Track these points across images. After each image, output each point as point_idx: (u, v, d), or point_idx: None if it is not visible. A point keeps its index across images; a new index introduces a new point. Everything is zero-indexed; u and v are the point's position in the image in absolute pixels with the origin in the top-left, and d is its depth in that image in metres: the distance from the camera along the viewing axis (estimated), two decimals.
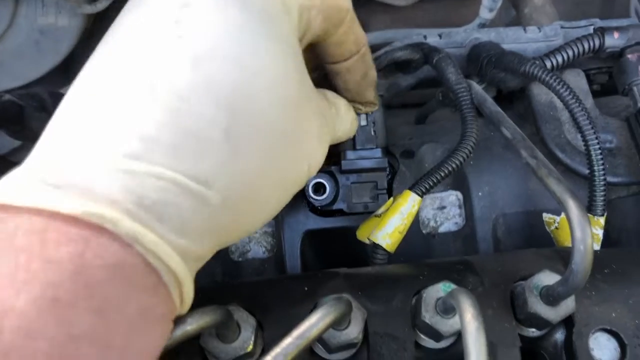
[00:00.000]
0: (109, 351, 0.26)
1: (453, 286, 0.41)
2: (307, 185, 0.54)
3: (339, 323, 0.39)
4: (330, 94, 0.46)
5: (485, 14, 0.83)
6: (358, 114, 0.51)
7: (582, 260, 0.37)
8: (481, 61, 0.56)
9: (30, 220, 0.26)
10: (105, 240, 0.27)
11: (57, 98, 0.56)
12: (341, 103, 0.46)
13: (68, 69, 1.03)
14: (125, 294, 0.27)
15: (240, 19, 0.32)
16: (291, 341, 0.33)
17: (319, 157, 0.41)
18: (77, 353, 0.25)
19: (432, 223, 0.59)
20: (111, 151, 0.28)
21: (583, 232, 0.37)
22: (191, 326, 0.33)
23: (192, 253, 0.31)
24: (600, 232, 0.51)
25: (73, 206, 0.26)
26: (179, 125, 0.29)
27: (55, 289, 0.25)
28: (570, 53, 0.55)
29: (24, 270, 0.24)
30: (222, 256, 0.57)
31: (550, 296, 0.41)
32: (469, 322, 0.35)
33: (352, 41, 0.42)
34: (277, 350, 0.33)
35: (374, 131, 0.52)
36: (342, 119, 0.46)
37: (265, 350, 0.41)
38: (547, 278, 0.42)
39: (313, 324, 0.34)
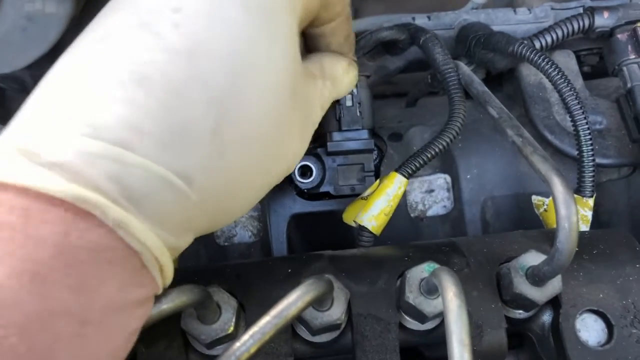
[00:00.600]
0: (86, 327, 0.26)
1: (437, 266, 0.41)
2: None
3: (321, 303, 0.39)
4: (327, 63, 0.44)
5: None
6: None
7: (567, 239, 0.37)
8: (469, 42, 0.55)
9: (17, 197, 0.26)
10: (91, 224, 0.27)
11: (38, 80, 0.55)
12: (339, 68, 0.45)
13: (55, 56, 1.03)
14: (105, 275, 0.27)
15: (241, 16, 0.32)
16: (269, 320, 0.32)
17: (299, 154, 0.41)
18: (54, 327, 0.25)
19: (420, 207, 0.58)
20: (101, 137, 0.28)
21: (568, 209, 0.36)
22: (167, 305, 0.32)
23: (171, 244, 0.31)
24: (589, 214, 0.50)
25: (61, 189, 0.26)
26: (170, 120, 0.29)
27: (35, 264, 0.25)
28: (560, 33, 0.55)
29: (4, 244, 0.25)
30: (207, 241, 0.57)
31: (536, 276, 0.40)
32: (451, 300, 0.34)
33: (339, 2, 0.41)
34: (254, 329, 0.32)
35: (360, 112, 0.51)
36: (340, 84, 0.45)
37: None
38: (533, 258, 0.42)
39: (291, 302, 0.33)
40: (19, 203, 0.26)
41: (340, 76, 0.45)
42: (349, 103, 0.51)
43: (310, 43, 0.46)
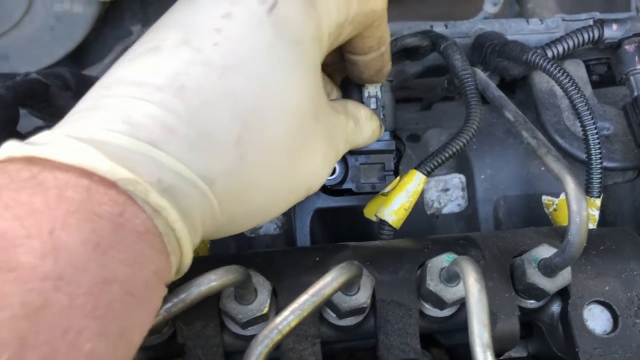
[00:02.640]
0: (131, 298, 0.30)
1: (456, 257, 0.44)
2: None
3: (349, 288, 0.42)
4: (351, 106, 0.48)
5: (489, 8, 0.86)
6: (368, 98, 0.54)
7: (577, 232, 0.40)
8: (485, 49, 0.59)
9: (79, 178, 0.29)
10: (137, 207, 0.30)
11: (79, 78, 0.58)
12: (362, 113, 0.49)
13: (80, 55, 1.06)
14: (147, 256, 0.31)
15: (273, 42, 0.35)
16: (307, 298, 0.36)
17: (321, 179, 0.44)
18: (110, 293, 0.28)
19: (435, 204, 0.62)
20: (136, 134, 0.31)
21: (579, 205, 0.40)
22: (216, 282, 0.36)
23: (192, 239, 0.34)
24: (596, 213, 0.54)
25: (114, 173, 0.30)
26: (198, 126, 0.33)
27: (98, 236, 0.28)
28: (571, 43, 0.58)
29: (74, 217, 0.28)
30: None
31: (548, 267, 0.43)
32: (472, 285, 0.37)
33: (376, 38, 0.45)
34: (294, 305, 0.35)
35: (383, 115, 0.55)
36: (362, 128, 0.49)
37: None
38: (545, 251, 0.45)
39: (327, 282, 0.36)
40: (80, 182, 0.29)
41: (362, 120, 0.49)
42: (373, 106, 0.54)
43: (347, 66, 0.49)
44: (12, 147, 0.30)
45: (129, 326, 0.30)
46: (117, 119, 0.32)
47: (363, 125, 0.49)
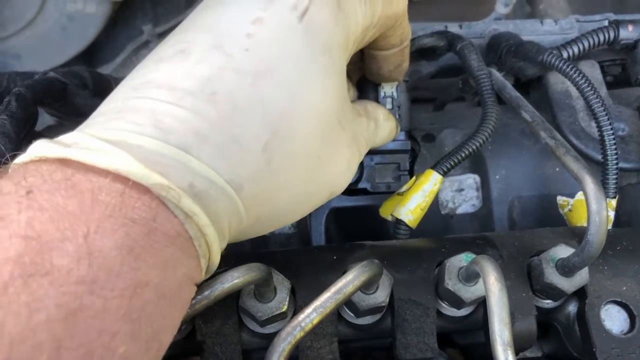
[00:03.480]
0: (162, 301, 0.30)
1: (474, 256, 0.44)
2: None
3: (368, 287, 0.42)
4: (370, 106, 0.49)
5: (500, 8, 0.86)
6: (384, 98, 0.54)
7: (597, 231, 0.40)
8: (501, 50, 0.59)
9: (113, 182, 0.29)
10: (169, 212, 0.31)
11: (96, 77, 0.59)
12: (380, 113, 0.50)
13: (91, 55, 1.06)
14: (178, 260, 0.31)
15: (303, 49, 0.36)
16: (330, 295, 0.36)
17: (345, 182, 0.44)
18: (142, 296, 0.29)
19: (450, 204, 0.62)
20: (169, 139, 0.32)
21: (599, 204, 0.40)
22: (239, 279, 0.36)
23: (220, 243, 0.35)
24: (612, 214, 0.54)
25: (148, 178, 0.30)
26: (229, 132, 0.33)
27: (131, 241, 0.29)
28: (586, 44, 0.58)
29: (109, 221, 0.28)
30: None
31: (566, 267, 0.43)
32: (493, 284, 0.37)
33: (398, 36, 0.45)
34: (317, 303, 0.36)
35: (399, 115, 0.55)
36: (380, 128, 0.50)
37: (296, 312, 0.44)
38: (563, 251, 0.45)
39: (349, 280, 0.37)
40: (115, 187, 0.29)
41: (381, 121, 0.50)
42: (389, 106, 0.54)
43: (366, 62, 0.49)
44: (44, 147, 0.30)
45: (162, 328, 0.30)
46: (149, 123, 0.32)
47: (381, 125, 0.49)
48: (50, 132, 0.73)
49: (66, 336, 0.26)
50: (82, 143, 0.31)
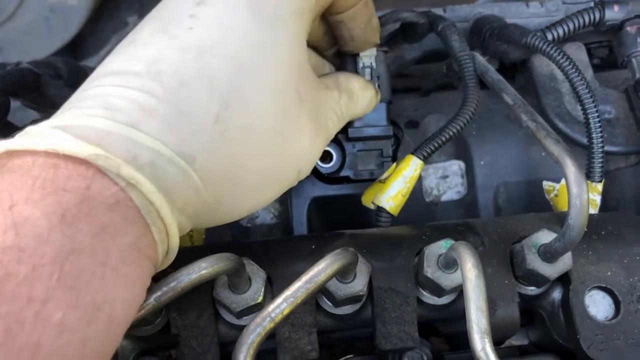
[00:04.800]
0: (105, 268, 0.30)
1: (453, 242, 0.43)
2: None
3: (345, 275, 0.41)
4: (343, 77, 0.47)
5: None
6: (362, 68, 0.52)
7: (577, 215, 0.39)
8: (484, 33, 0.58)
9: (47, 158, 0.30)
10: (108, 182, 0.31)
11: (72, 67, 0.58)
12: (355, 84, 0.48)
13: (76, 47, 1.05)
14: (120, 228, 0.31)
15: (248, 23, 0.36)
16: (301, 285, 0.35)
17: (311, 159, 0.43)
18: (79, 263, 0.29)
19: (434, 192, 0.61)
20: (116, 117, 0.33)
21: (579, 188, 0.39)
22: (207, 270, 0.35)
23: (176, 215, 0.34)
24: (598, 198, 0.53)
25: (82, 150, 0.31)
26: (176, 105, 0.34)
27: (63, 208, 0.29)
28: (571, 25, 0.57)
29: (38, 191, 0.29)
30: (231, 222, 0.59)
31: (548, 253, 0.42)
32: (469, 270, 0.36)
33: None
34: (287, 292, 0.35)
35: (378, 85, 0.53)
36: (357, 100, 0.48)
37: None
38: (545, 236, 0.44)
39: (321, 269, 0.36)
40: (47, 161, 0.30)
41: (356, 91, 0.48)
42: (367, 77, 0.53)
43: (334, 31, 0.48)
44: None
45: (107, 299, 0.30)
46: (97, 106, 0.33)
47: (358, 96, 0.48)
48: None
49: None
50: (29, 132, 0.32)
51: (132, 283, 0.32)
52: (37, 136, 0.31)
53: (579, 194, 0.39)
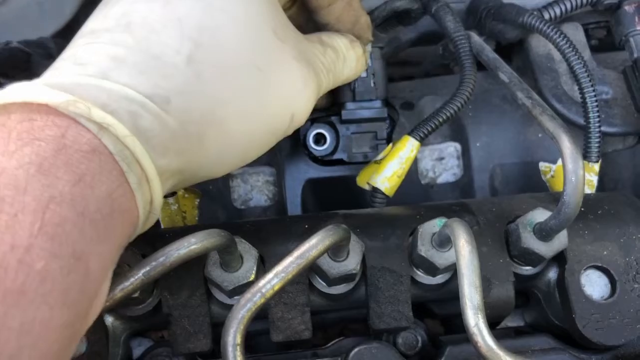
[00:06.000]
0: (84, 218, 0.30)
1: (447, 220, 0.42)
2: (307, 136, 0.56)
3: (338, 254, 0.41)
4: (325, 36, 0.46)
5: None
6: None
7: (573, 191, 0.38)
8: (480, 13, 0.57)
9: (21, 111, 0.30)
10: (82, 128, 0.31)
11: (62, 46, 0.57)
12: (340, 42, 0.47)
13: (70, 32, 1.04)
14: (97, 176, 0.31)
15: None
16: (292, 260, 0.34)
17: (304, 103, 0.42)
18: (59, 212, 0.29)
19: (430, 174, 0.60)
20: (86, 69, 0.33)
21: (575, 163, 0.38)
22: (196, 245, 0.34)
23: (154, 160, 0.34)
24: (594, 178, 0.52)
25: (53, 98, 0.31)
26: (147, 51, 0.34)
27: (40, 158, 0.29)
28: (569, 5, 0.56)
29: (14, 143, 0.29)
30: (225, 204, 0.59)
31: (543, 231, 0.42)
32: (463, 246, 0.36)
33: None
34: (278, 268, 0.34)
35: (374, 82, 0.53)
36: (344, 58, 0.47)
37: None
38: (541, 215, 0.43)
39: (312, 245, 0.35)
40: (22, 114, 0.30)
41: (342, 49, 0.47)
42: (363, 74, 0.52)
43: (318, 25, 0.47)
44: None
45: (85, 251, 0.29)
46: (69, 64, 0.34)
47: (345, 54, 0.47)
48: None
49: None
50: (4, 88, 0.32)
51: (107, 238, 0.31)
52: (9, 90, 0.31)
53: (575, 170, 0.38)
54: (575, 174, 0.38)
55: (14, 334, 0.26)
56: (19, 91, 0.31)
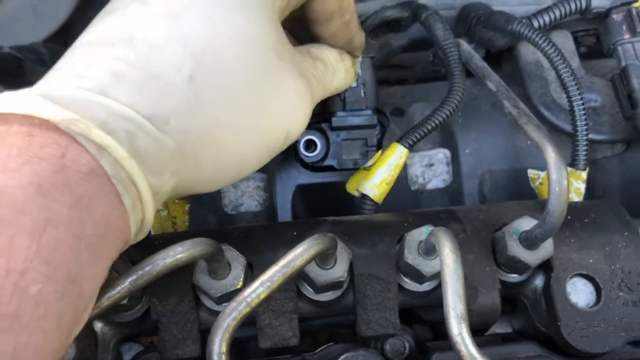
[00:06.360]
0: (80, 241, 0.29)
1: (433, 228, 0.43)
2: (298, 142, 0.56)
3: (325, 261, 0.41)
4: (314, 49, 0.47)
5: None
6: None
7: (557, 201, 0.39)
8: (470, 20, 0.57)
9: (21, 125, 0.30)
10: (81, 148, 0.30)
11: (55, 52, 0.57)
12: (329, 55, 0.47)
13: (64, 35, 1.04)
14: (95, 199, 0.30)
15: None
16: (278, 269, 0.35)
17: (299, 119, 0.42)
18: (55, 235, 0.28)
19: (420, 180, 0.60)
20: (84, 84, 0.33)
21: (559, 173, 0.39)
22: (183, 254, 0.35)
23: (150, 181, 0.33)
24: (582, 186, 0.53)
25: (54, 114, 0.30)
26: (148, 69, 0.34)
27: (40, 179, 0.28)
28: (557, 13, 0.56)
29: (14, 160, 0.28)
30: (215, 209, 0.59)
31: (529, 239, 0.42)
32: (447, 256, 0.36)
33: (337, 1, 0.43)
34: (264, 277, 0.35)
35: (364, 92, 0.53)
36: (334, 70, 0.47)
37: None
38: (527, 223, 0.44)
39: (298, 254, 0.35)
40: (22, 128, 0.30)
41: (331, 62, 0.47)
42: (353, 84, 0.53)
43: (313, 37, 0.48)
44: None
45: (79, 273, 0.29)
46: (69, 75, 0.33)
47: (335, 66, 0.47)
48: None
49: None
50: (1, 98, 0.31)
51: (100, 258, 0.31)
52: (7, 98, 0.31)
53: (559, 180, 0.39)
54: (560, 183, 0.39)
55: (7, 359, 0.25)
56: (18, 102, 0.30)
